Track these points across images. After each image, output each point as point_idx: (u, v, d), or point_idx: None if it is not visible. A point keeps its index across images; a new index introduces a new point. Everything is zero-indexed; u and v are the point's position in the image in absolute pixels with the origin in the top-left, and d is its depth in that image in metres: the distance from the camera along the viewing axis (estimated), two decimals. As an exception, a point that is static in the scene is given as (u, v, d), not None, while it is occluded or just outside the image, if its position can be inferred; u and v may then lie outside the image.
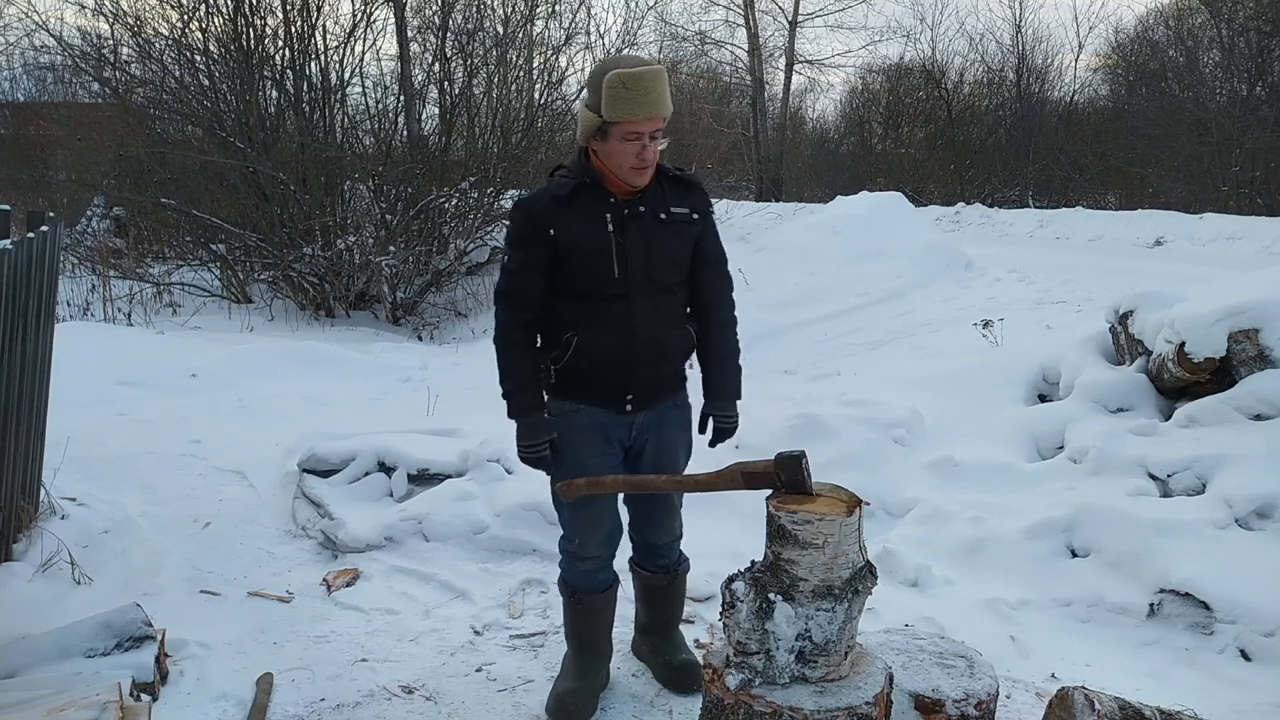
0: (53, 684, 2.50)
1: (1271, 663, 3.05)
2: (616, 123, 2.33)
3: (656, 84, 2.33)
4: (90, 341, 6.27)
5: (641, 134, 2.34)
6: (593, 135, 2.41)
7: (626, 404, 2.54)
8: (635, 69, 2.32)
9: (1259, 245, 10.96)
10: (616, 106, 2.32)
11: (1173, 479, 3.96)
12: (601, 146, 2.40)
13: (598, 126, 2.37)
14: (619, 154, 2.38)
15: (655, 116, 2.35)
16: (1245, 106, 17.47)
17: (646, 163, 2.39)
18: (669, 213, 2.49)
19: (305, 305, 9.82)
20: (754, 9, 25.64)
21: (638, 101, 2.32)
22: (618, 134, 2.34)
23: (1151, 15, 22.81)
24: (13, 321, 3.08)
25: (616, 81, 2.30)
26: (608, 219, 2.44)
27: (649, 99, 2.32)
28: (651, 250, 2.47)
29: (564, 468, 2.57)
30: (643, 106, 2.32)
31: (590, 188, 2.44)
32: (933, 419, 4.86)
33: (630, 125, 2.33)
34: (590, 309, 2.47)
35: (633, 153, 2.36)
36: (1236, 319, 4.23)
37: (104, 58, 10.87)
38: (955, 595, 3.52)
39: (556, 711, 2.65)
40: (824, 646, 2.13)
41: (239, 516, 4.09)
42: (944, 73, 24.77)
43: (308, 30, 10.26)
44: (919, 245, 9.77)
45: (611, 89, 2.31)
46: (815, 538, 2.08)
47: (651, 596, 2.86)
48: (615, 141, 2.36)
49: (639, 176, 2.41)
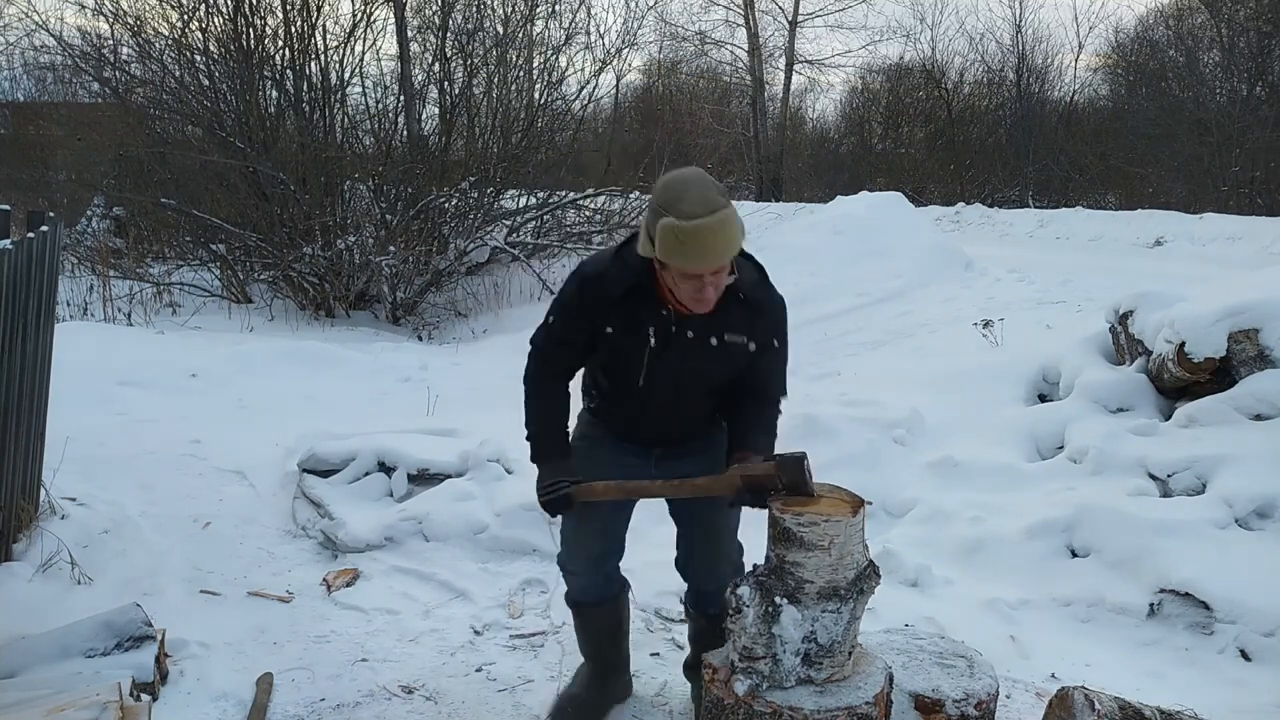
0: (53, 684, 2.50)
1: (1271, 663, 3.06)
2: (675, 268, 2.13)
3: (718, 238, 2.07)
4: (90, 341, 6.27)
5: (700, 277, 2.13)
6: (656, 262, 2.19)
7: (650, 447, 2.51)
8: (694, 223, 2.04)
9: (1259, 245, 10.96)
10: (674, 256, 2.10)
11: (1173, 479, 3.96)
12: (663, 273, 2.19)
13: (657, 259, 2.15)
14: (677, 288, 2.18)
15: (709, 268, 2.11)
16: (1245, 106, 17.47)
17: (705, 300, 2.17)
18: (722, 339, 2.29)
19: (305, 305, 9.81)
20: (754, 9, 25.65)
21: (697, 256, 2.09)
22: (675, 271, 2.14)
23: (1151, 15, 22.81)
24: (13, 321, 3.08)
25: (670, 234, 2.06)
26: (651, 333, 2.28)
27: (710, 254, 2.09)
28: (684, 372, 2.34)
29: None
30: (703, 260, 2.09)
31: (645, 293, 2.27)
32: (933, 419, 4.86)
33: (689, 270, 2.12)
34: (612, 388, 2.45)
35: (692, 291, 2.16)
36: (1236, 319, 4.23)
37: (104, 58, 10.87)
38: (955, 595, 3.52)
39: (557, 717, 2.66)
40: (829, 648, 2.13)
41: (239, 516, 4.09)
42: (944, 73, 24.78)
43: (308, 30, 10.25)
44: (919, 245, 9.77)
45: (665, 239, 2.07)
46: (821, 539, 2.07)
47: (694, 635, 2.79)
48: (674, 278, 2.16)
49: (697, 308, 2.21)
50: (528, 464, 2.87)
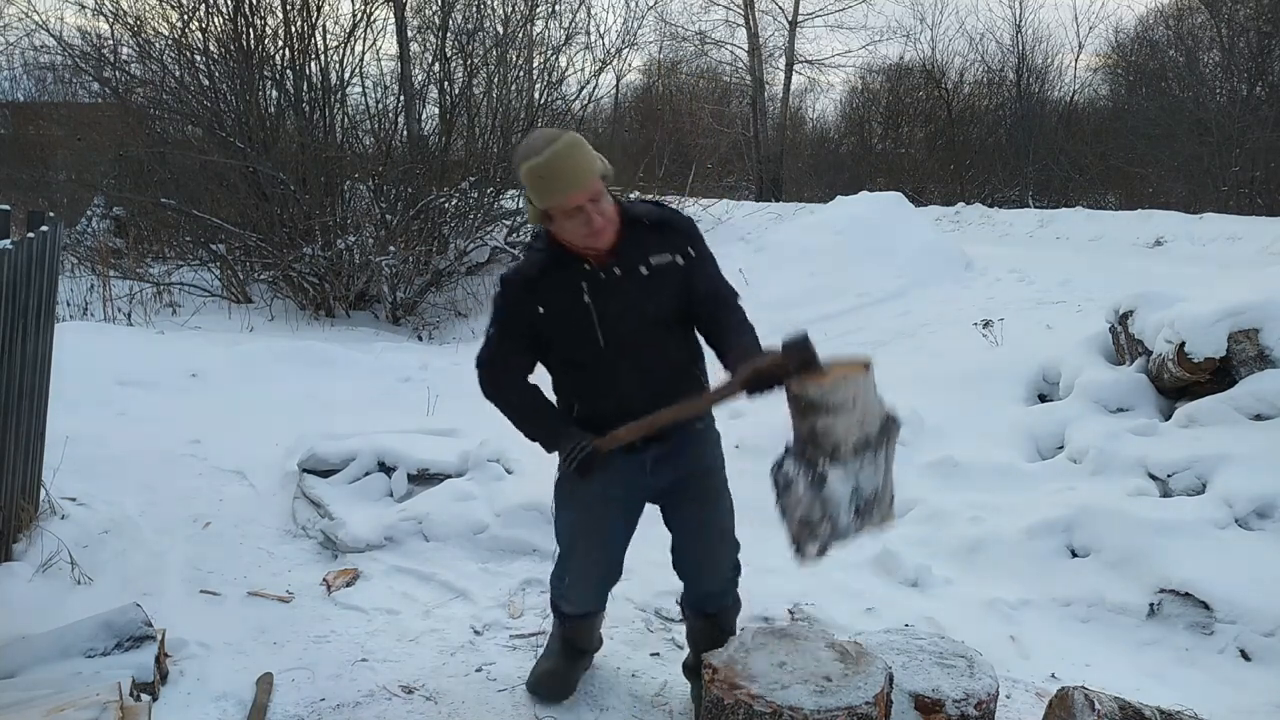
0: (53, 684, 2.51)
1: (1271, 663, 3.06)
2: (552, 207, 2.28)
3: (569, 160, 2.24)
4: (90, 341, 6.27)
5: (579, 207, 2.27)
6: (542, 217, 2.35)
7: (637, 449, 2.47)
8: (542, 156, 2.24)
9: (1259, 245, 10.95)
10: (543, 196, 2.27)
11: (1173, 479, 3.96)
12: (554, 227, 2.35)
13: (541, 213, 2.33)
14: (569, 231, 2.32)
15: (582, 190, 2.26)
16: (1245, 106, 17.46)
17: (597, 228, 2.30)
18: (649, 265, 2.40)
19: (305, 305, 9.81)
20: (754, 9, 25.62)
21: (559, 185, 2.25)
22: (558, 215, 2.29)
23: (1151, 15, 22.78)
24: (13, 321, 3.08)
25: (531, 175, 2.26)
26: (583, 288, 2.38)
27: (568, 178, 2.25)
28: (631, 310, 2.39)
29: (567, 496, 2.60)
30: (566, 186, 2.25)
31: (561, 260, 2.38)
32: (933, 419, 4.86)
33: (566, 203, 2.26)
34: (582, 378, 2.46)
35: (580, 226, 2.30)
36: (1236, 319, 4.23)
37: (104, 58, 10.86)
38: (955, 595, 3.52)
39: (535, 689, 2.76)
40: (873, 497, 2.20)
41: (239, 516, 4.09)
42: (944, 73, 24.75)
43: (308, 30, 10.24)
44: (919, 245, 9.76)
45: (531, 182, 2.27)
46: (845, 400, 2.13)
47: (691, 636, 2.81)
48: (560, 222, 2.31)
49: (597, 241, 2.33)
50: (528, 464, 2.90)
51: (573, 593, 2.69)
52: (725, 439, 4.66)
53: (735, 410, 5.44)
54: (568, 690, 2.78)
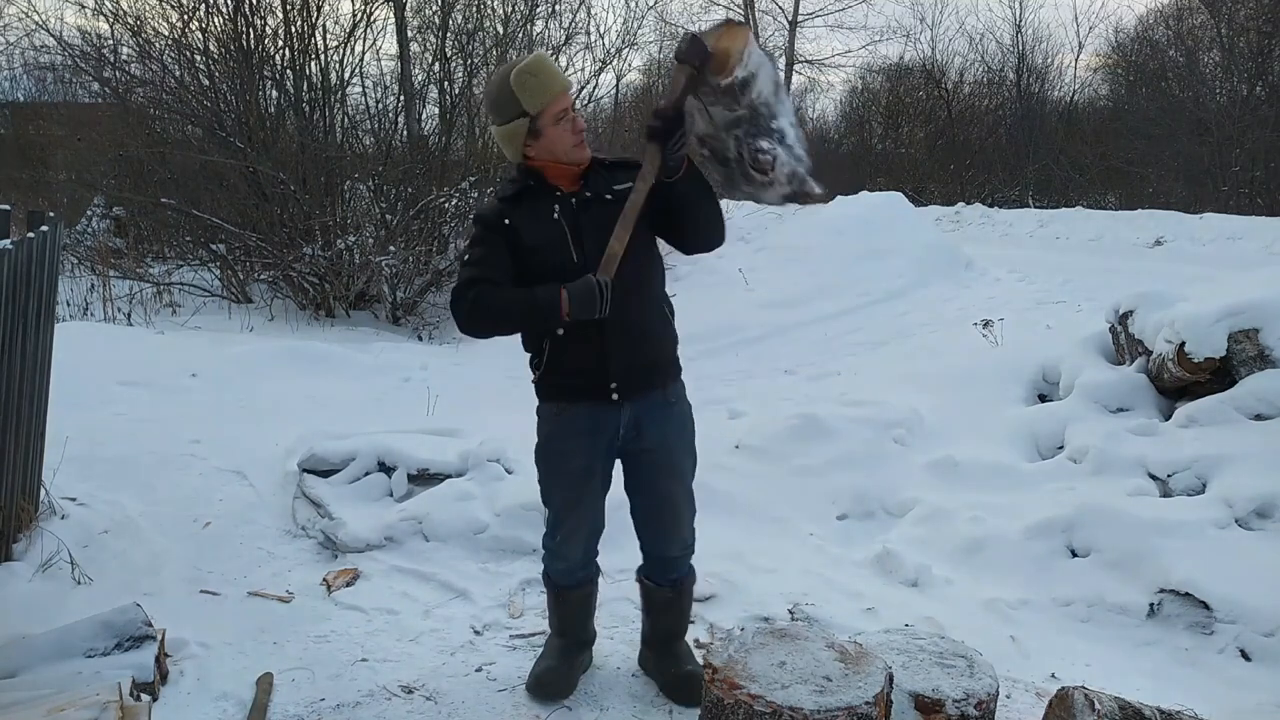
0: (53, 684, 2.51)
1: (1271, 663, 3.06)
2: (543, 110, 2.45)
3: (550, 62, 2.54)
4: (90, 341, 6.27)
5: (566, 108, 2.48)
6: (525, 141, 2.50)
7: (612, 393, 2.55)
8: (525, 61, 2.49)
9: (1259, 245, 10.96)
10: (536, 95, 2.44)
11: (1173, 479, 3.96)
12: (537, 144, 2.50)
13: (527, 129, 2.47)
14: (557, 138, 2.49)
15: (566, 88, 2.51)
16: (1245, 106, 17.47)
17: (580, 129, 2.52)
18: (613, 191, 2.54)
19: (305, 305, 9.81)
20: (754, 9, 25.66)
21: (547, 82, 2.46)
22: (548, 119, 2.46)
23: (1151, 15, 22.80)
24: (13, 321, 3.08)
25: (524, 75, 2.44)
26: (555, 210, 2.51)
27: (555, 75, 2.50)
28: (603, 230, 2.48)
29: (554, 471, 2.67)
30: (553, 83, 2.47)
31: (534, 189, 2.54)
32: (933, 419, 4.86)
33: (554, 104, 2.46)
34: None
35: (567, 129, 2.48)
36: (1236, 319, 4.23)
37: (104, 58, 10.86)
38: (955, 595, 3.52)
39: (535, 689, 2.77)
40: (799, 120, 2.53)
41: (239, 516, 4.09)
42: (944, 73, 24.79)
43: (308, 30, 10.25)
44: (919, 245, 9.78)
45: (523, 84, 2.44)
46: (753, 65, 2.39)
47: (656, 609, 2.87)
48: (549, 129, 2.47)
49: (581, 150, 2.52)
50: (528, 464, 2.89)
51: (563, 549, 2.75)
52: (725, 439, 4.68)
53: (735, 411, 5.44)
54: (568, 689, 2.79)
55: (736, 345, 7.60)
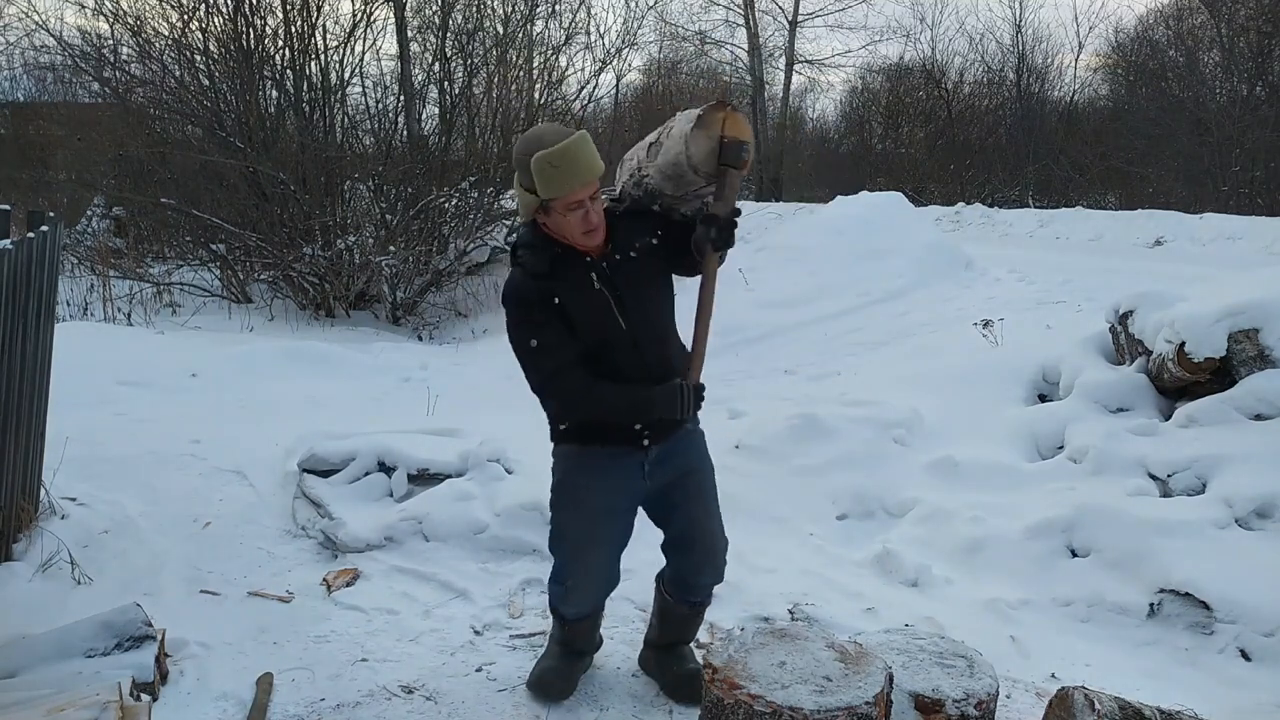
0: (53, 684, 2.50)
1: (1271, 663, 3.06)
2: (557, 199, 2.36)
3: (582, 153, 2.36)
4: (90, 341, 6.27)
5: (583, 201, 2.38)
6: (536, 211, 2.44)
7: (643, 439, 2.55)
8: (557, 146, 2.34)
9: (1259, 245, 10.96)
10: (550, 186, 2.35)
11: (1173, 479, 3.96)
12: (548, 220, 2.43)
13: (539, 205, 2.41)
14: (566, 226, 2.41)
15: (586, 183, 2.37)
16: (1245, 106, 17.47)
17: (593, 225, 2.42)
18: (635, 248, 2.52)
19: (305, 305, 9.81)
20: (754, 9, 25.67)
21: (568, 176, 2.34)
22: (559, 208, 2.38)
23: (1151, 15, 22.80)
24: (13, 321, 3.08)
25: (544, 163, 2.33)
26: (594, 279, 2.47)
27: (579, 170, 2.35)
28: (643, 289, 2.51)
29: (572, 506, 2.62)
30: (575, 179, 2.35)
31: (562, 255, 2.46)
32: (933, 419, 4.86)
33: (570, 197, 2.36)
34: (604, 363, 2.49)
35: (579, 221, 2.40)
36: (1236, 319, 4.23)
37: (104, 58, 10.87)
38: (955, 595, 3.52)
39: (536, 688, 2.77)
40: None
41: (239, 516, 4.09)
42: (944, 73, 24.79)
43: (308, 30, 10.26)
44: (919, 245, 9.77)
45: (541, 171, 2.34)
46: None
47: (671, 621, 2.86)
48: (559, 215, 2.40)
49: (590, 240, 2.45)
50: (528, 464, 2.89)
51: (574, 596, 2.70)
52: (725, 439, 4.68)
53: (735, 410, 5.44)
54: (568, 690, 2.79)
55: (736, 345, 7.59)
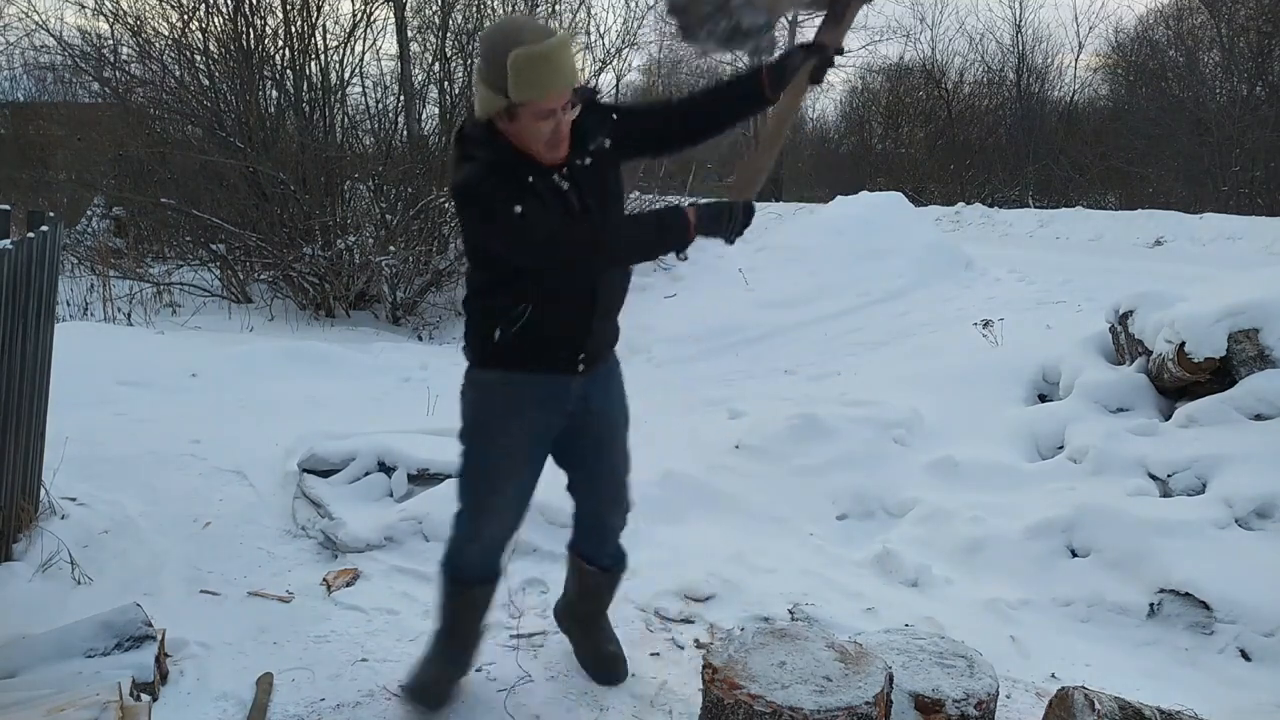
0: (53, 684, 2.50)
1: (1271, 663, 3.06)
2: (528, 103, 2.12)
3: (566, 57, 2.13)
4: (90, 341, 6.27)
5: (555, 110, 2.15)
6: (498, 113, 2.17)
7: (578, 364, 2.41)
8: (540, 45, 2.08)
9: (1259, 245, 10.97)
10: (525, 88, 2.10)
11: (1173, 479, 3.96)
12: (509, 126, 2.18)
13: (504, 108, 2.14)
14: (529, 134, 2.17)
15: (564, 89, 2.14)
16: (1245, 106, 17.49)
17: (561, 137, 2.20)
18: (591, 153, 2.30)
19: (305, 305, 9.81)
20: (754, 9, 25.59)
21: (547, 80, 2.11)
22: (528, 114, 2.14)
23: (1151, 15, 22.81)
24: (13, 321, 3.08)
25: (524, 61, 2.08)
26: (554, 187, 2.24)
27: (559, 75, 2.12)
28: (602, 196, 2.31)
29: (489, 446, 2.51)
30: (554, 84, 2.12)
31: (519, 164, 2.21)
32: (933, 419, 4.86)
33: (544, 103, 2.13)
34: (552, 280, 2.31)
35: (546, 131, 2.17)
36: (1236, 319, 4.23)
37: (104, 58, 10.86)
38: (955, 595, 3.52)
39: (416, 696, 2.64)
40: None
41: (239, 516, 4.09)
42: (944, 73, 24.81)
43: (308, 30, 10.26)
44: (919, 245, 9.77)
45: (518, 70, 2.08)
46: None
47: (589, 588, 2.83)
48: (525, 121, 2.15)
49: (554, 153, 2.22)
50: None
51: (482, 545, 2.55)
52: (725, 439, 4.68)
53: (735, 410, 5.44)
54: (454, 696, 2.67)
55: (736, 345, 7.60)
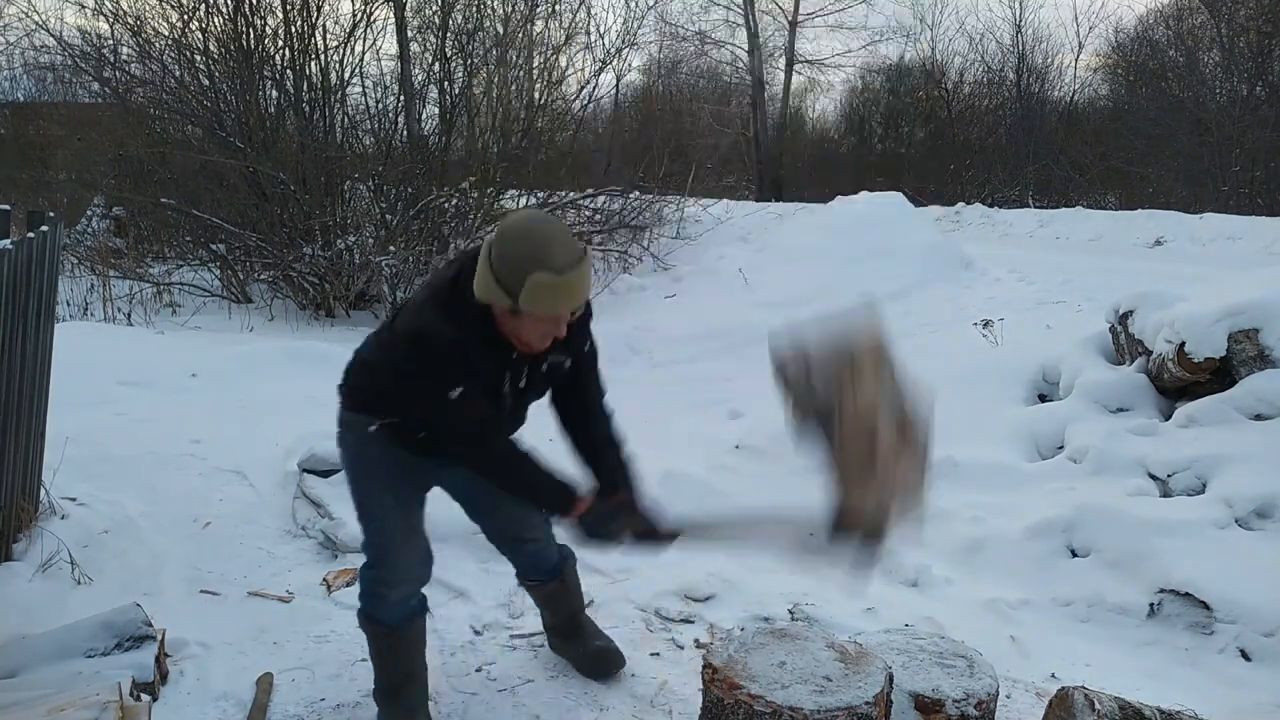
0: (53, 684, 2.50)
1: (1271, 663, 3.06)
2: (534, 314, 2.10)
3: (584, 279, 2.10)
4: (90, 341, 6.26)
5: (557, 321, 2.15)
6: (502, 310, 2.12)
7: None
8: (566, 275, 2.05)
9: (1259, 245, 10.96)
10: (539, 305, 2.08)
11: (1173, 479, 3.97)
12: (508, 320, 2.15)
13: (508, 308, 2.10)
14: (528, 333, 2.16)
15: (571, 308, 2.14)
16: (1245, 106, 17.48)
17: (559, 338, 2.20)
18: (548, 363, 2.33)
19: (305, 305, 9.81)
20: (754, 9, 25.62)
21: (562, 303, 2.10)
22: (532, 320, 2.12)
23: (1151, 15, 22.79)
24: (13, 321, 3.08)
25: (546, 288, 2.04)
26: (506, 377, 2.27)
27: (574, 297, 2.11)
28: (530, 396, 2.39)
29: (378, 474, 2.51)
30: (568, 304, 2.12)
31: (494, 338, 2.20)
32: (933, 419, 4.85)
33: (549, 317, 2.12)
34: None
35: (543, 334, 2.17)
36: (1236, 319, 4.23)
37: (104, 58, 10.86)
38: (955, 595, 3.52)
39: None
40: None
41: (239, 516, 4.09)
42: (944, 73, 24.78)
43: (308, 30, 10.25)
44: (919, 245, 9.76)
45: (536, 289, 2.04)
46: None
47: (550, 602, 2.89)
48: (527, 322, 2.13)
49: (542, 345, 2.22)
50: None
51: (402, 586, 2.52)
52: (725, 439, 4.67)
53: (735, 411, 5.44)
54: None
55: (736, 345, 7.59)
